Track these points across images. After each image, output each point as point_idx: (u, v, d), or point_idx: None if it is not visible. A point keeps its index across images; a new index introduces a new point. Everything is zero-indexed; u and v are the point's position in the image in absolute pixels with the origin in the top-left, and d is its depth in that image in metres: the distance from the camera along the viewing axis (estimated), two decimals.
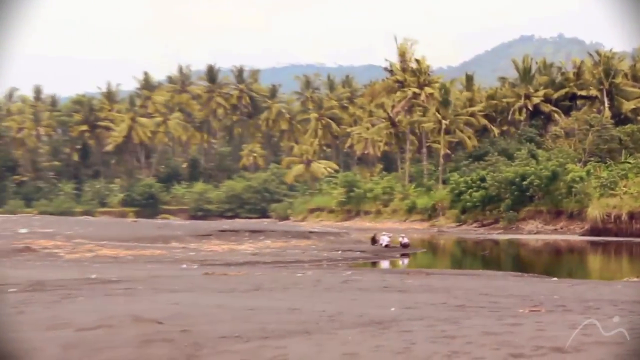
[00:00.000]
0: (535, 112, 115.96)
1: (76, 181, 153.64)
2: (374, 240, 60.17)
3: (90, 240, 52.84)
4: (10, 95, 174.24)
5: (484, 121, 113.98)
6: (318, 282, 26.82)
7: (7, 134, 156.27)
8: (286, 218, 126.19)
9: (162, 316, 15.76)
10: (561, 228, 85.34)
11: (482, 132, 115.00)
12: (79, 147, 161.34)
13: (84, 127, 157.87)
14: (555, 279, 33.98)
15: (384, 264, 49.80)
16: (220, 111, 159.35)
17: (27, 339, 13.39)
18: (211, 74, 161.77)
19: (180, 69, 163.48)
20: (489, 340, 12.02)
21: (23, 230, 59.72)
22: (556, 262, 56.59)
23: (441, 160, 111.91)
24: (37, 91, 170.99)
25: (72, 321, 15.33)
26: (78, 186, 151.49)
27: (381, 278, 30.24)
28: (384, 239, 58.99)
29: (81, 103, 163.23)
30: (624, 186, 79.66)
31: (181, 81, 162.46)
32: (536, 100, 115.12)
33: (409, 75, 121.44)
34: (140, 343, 12.88)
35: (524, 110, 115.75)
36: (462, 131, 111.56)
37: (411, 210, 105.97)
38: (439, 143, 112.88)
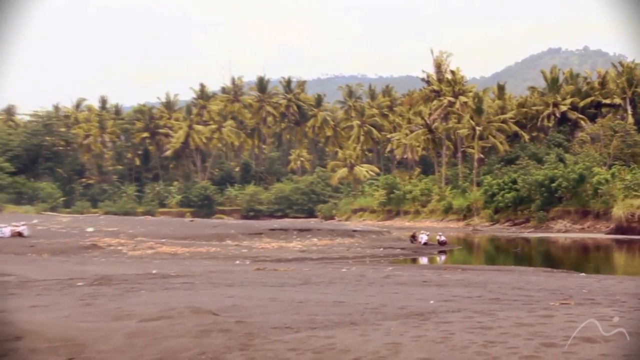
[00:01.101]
0: (563, 119, 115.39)
1: (138, 184, 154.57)
2: (413, 238, 59.94)
3: (151, 238, 53.11)
4: (78, 105, 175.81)
5: (515, 128, 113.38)
6: (362, 277, 26.71)
7: (75, 141, 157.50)
8: (331, 217, 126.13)
9: (218, 308, 15.77)
10: (588, 227, 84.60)
11: (513, 138, 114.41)
12: (140, 152, 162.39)
13: (145, 134, 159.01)
14: (583, 274, 33.65)
15: (423, 260, 49.60)
16: (270, 119, 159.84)
17: (95, 328, 13.47)
18: (261, 85, 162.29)
19: (233, 81, 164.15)
20: (522, 331, 11.92)
21: (90, 229, 60.16)
22: (584, 259, 56.05)
23: (475, 164, 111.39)
24: (103, 101, 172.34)
25: (136, 312, 15.40)
26: (140, 188, 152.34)
27: (420, 273, 30.07)
28: (423, 237, 58.75)
29: (142, 112, 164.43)
30: None
31: (234, 92, 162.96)
32: (563, 108, 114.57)
33: (445, 85, 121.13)
34: (198, 333, 12.89)
35: (552, 117, 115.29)
36: (494, 137, 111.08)
37: (447, 210, 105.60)
38: (473, 148, 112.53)
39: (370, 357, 10.51)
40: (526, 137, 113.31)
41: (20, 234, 51.44)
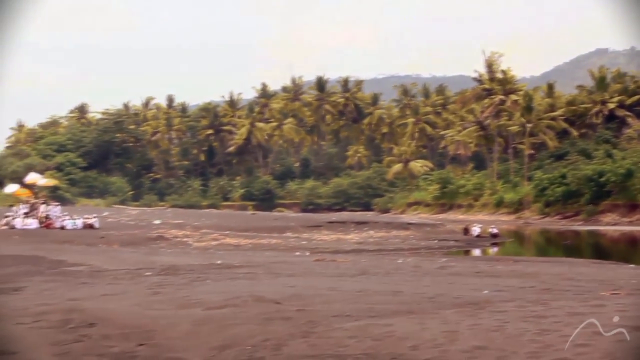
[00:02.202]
0: (611, 117, 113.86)
1: (203, 178, 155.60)
2: (466, 231, 59.50)
3: (215, 230, 53.33)
4: (147, 104, 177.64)
5: (564, 125, 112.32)
6: (417, 267, 26.57)
7: (144, 137, 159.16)
8: (387, 211, 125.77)
9: (280, 297, 15.76)
10: (637, 220, 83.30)
11: (562, 134, 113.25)
12: (205, 148, 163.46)
13: (210, 131, 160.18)
14: (632, 265, 33.10)
15: (476, 252, 49.20)
16: (328, 117, 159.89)
17: (163, 316, 13.53)
18: (320, 84, 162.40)
19: (294, 80, 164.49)
20: (575, 320, 11.71)
21: (157, 222, 60.61)
22: (633, 251, 55.21)
23: (526, 160, 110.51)
24: (170, 100, 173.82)
25: (202, 301, 15.46)
26: (204, 183, 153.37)
27: (474, 264, 29.84)
28: (476, 230, 58.33)
29: (207, 110, 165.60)
30: None
31: (294, 91, 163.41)
32: (611, 105, 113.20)
33: (496, 84, 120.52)
34: (261, 320, 12.88)
35: (600, 114, 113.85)
36: (544, 133, 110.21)
37: (499, 204, 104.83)
38: (523, 144, 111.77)
39: (428, 344, 10.41)
40: (575, 133, 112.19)
41: (91, 226, 51.99)
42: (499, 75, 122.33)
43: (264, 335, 11.50)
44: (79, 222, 52.28)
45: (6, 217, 52.33)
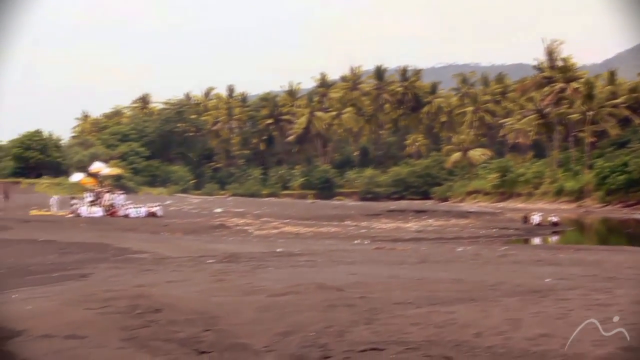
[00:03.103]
0: None
1: (263, 167, 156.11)
2: (525, 219, 59.04)
3: (276, 218, 53.62)
4: (207, 94, 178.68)
5: (627, 112, 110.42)
6: (477, 256, 26.43)
7: (205, 127, 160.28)
8: (446, 199, 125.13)
9: (341, 284, 15.79)
10: None
11: (624, 122, 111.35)
12: (265, 137, 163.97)
13: (270, 121, 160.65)
14: None
15: (536, 240, 48.76)
16: (387, 106, 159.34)
17: (227, 302, 13.64)
18: (379, 73, 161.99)
19: (352, 70, 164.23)
20: None
21: (218, 210, 61.14)
22: None
23: (587, 148, 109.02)
24: (230, 90, 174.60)
25: (264, 288, 15.55)
26: (264, 171, 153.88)
27: (534, 253, 29.60)
28: (536, 218, 57.84)
29: (267, 100, 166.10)
30: None
31: (353, 80, 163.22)
32: None
33: (557, 72, 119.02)
34: (324, 307, 12.93)
35: None
36: (605, 121, 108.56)
37: (559, 192, 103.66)
38: (584, 132, 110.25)
39: (491, 331, 10.36)
40: (637, 121, 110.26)
41: (154, 214, 52.65)
42: (560, 63, 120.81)
43: (327, 322, 11.53)
44: (143, 211, 53.01)
45: (72, 205, 53.29)
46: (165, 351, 10.19)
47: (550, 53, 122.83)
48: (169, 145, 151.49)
